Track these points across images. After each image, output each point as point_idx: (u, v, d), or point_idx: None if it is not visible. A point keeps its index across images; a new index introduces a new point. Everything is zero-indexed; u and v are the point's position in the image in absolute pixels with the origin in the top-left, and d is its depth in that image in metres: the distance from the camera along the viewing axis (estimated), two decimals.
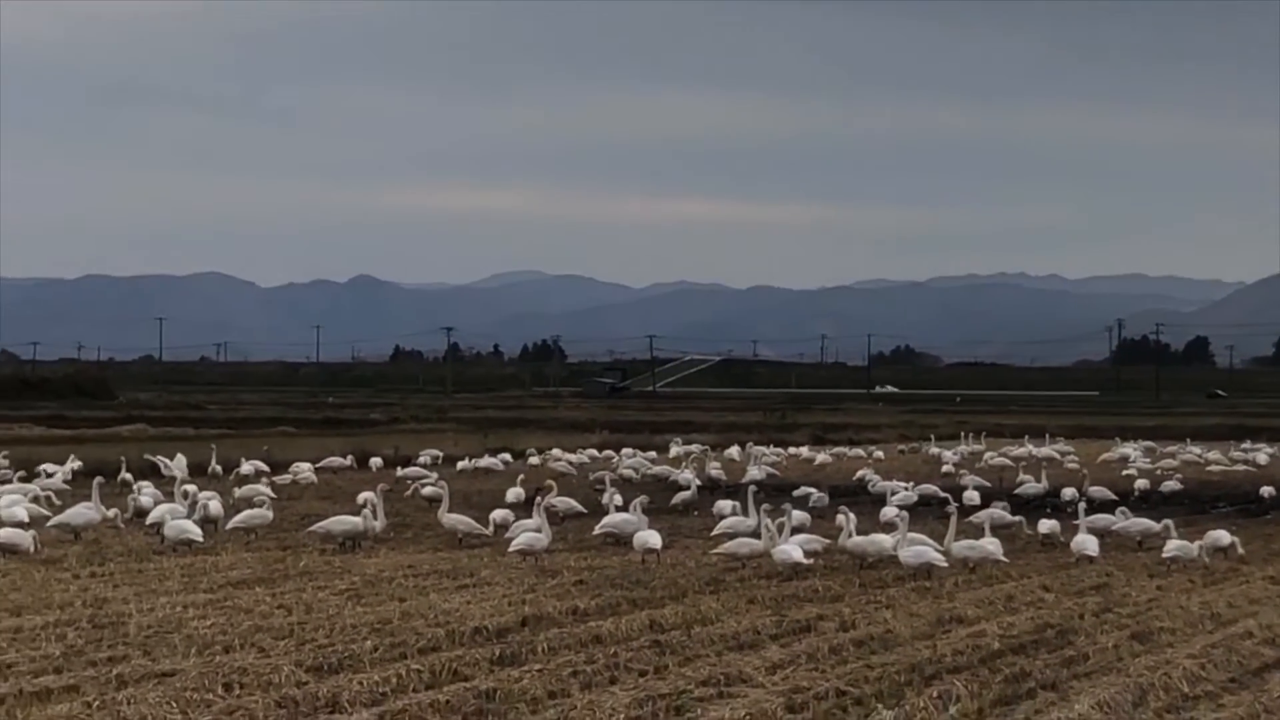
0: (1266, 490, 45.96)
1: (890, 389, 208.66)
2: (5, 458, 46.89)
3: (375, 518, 31.31)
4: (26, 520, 31.16)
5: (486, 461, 52.80)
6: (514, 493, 38.04)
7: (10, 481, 39.91)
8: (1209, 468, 61.01)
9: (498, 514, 33.42)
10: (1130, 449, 67.32)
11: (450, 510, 32.83)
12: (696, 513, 38.50)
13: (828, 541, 29.87)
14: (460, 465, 52.26)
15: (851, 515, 30.08)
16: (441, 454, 57.01)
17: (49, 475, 42.52)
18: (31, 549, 28.36)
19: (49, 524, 31.64)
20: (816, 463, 59.23)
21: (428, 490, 40.35)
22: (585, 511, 36.41)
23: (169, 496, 35.92)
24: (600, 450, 60.30)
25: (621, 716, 16.33)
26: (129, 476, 42.49)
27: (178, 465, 45.62)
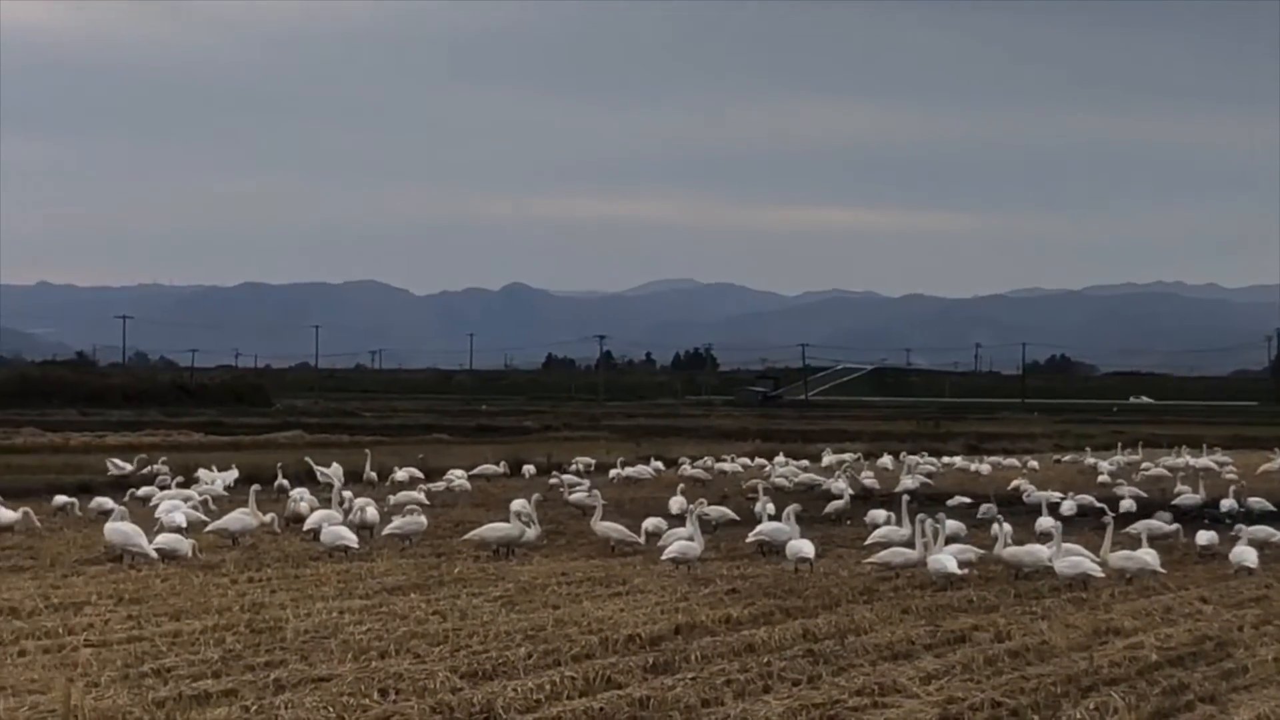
0: None
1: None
2: (164, 464, 47.49)
3: (529, 525, 31.42)
4: (185, 526, 31.56)
5: (636, 470, 52.81)
6: (676, 502, 37.94)
7: (169, 488, 40.39)
8: None
9: (650, 522, 33.42)
10: None
11: (603, 518, 32.90)
12: (849, 522, 38.32)
13: (982, 551, 29.64)
14: (612, 473, 52.31)
15: (1006, 525, 29.83)
16: (594, 461, 57.11)
17: (208, 482, 42.99)
18: (190, 554, 28.70)
19: (207, 529, 32.02)
20: (972, 471, 58.81)
21: (575, 497, 40.45)
22: (738, 520, 36.37)
23: (325, 503, 36.30)
24: (752, 459, 60.18)
25: None
26: (285, 483, 42.91)
27: (334, 472, 46.09)
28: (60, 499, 38.03)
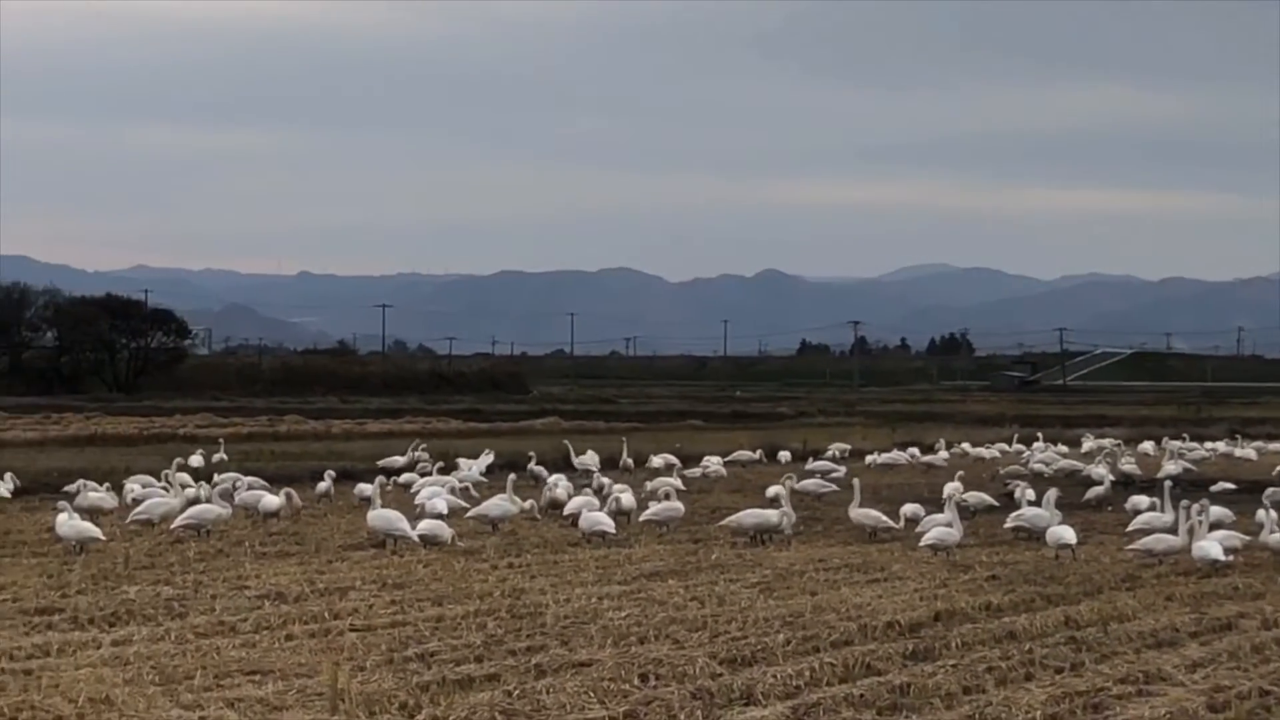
0: None
1: None
2: (424, 450, 48.13)
3: (785, 511, 31.36)
4: (446, 512, 31.94)
5: (892, 456, 52.50)
6: (951, 487, 37.60)
7: (430, 474, 40.94)
8: None
9: (908, 508, 33.22)
10: None
11: (860, 505, 32.75)
12: (1110, 508, 37.76)
13: (1247, 538, 29.05)
14: (868, 459, 52.08)
15: (1273, 512, 29.22)
16: (849, 447, 56.90)
17: (466, 468, 43.50)
18: (451, 541, 29.06)
19: (467, 516, 32.40)
20: (1236, 456, 57.72)
21: (805, 484, 40.05)
22: (996, 505, 36.04)
23: (582, 489, 36.57)
24: (1011, 444, 59.56)
25: (1038, 714, 16.11)
26: (541, 469, 43.27)
27: (590, 459, 46.42)
28: (323, 485, 38.72)
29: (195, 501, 32.66)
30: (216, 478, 38.10)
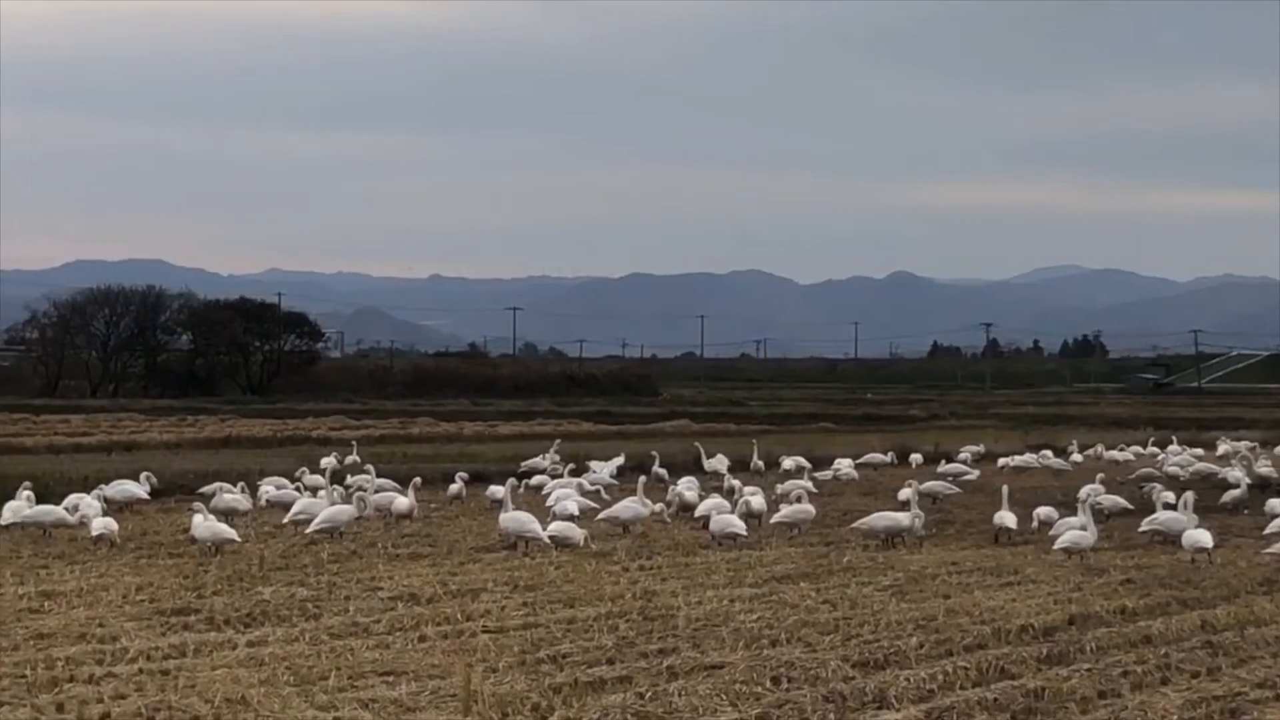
0: None
1: None
2: (556, 453, 48.27)
3: (916, 514, 31.21)
4: (577, 514, 32.02)
5: (1025, 459, 52.09)
6: (1090, 488, 37.17)
7: (561, 476, 41.05)
8: None
9: (1041, 511, 32.96)
10: None
11: (1007, 508, 32.43)
12: (1247, 511, 37.31)
13: None
14: (1001, 461, 51.72)
15: None
16: (982, 449, 56.55)
17: (597, 470, 43.60)
18: (582, 542, 29.12)
19: (598, 518, 32.47)
20: None
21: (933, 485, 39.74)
22: (1131, 508, 35.69)
23: (712, 491, 36.56)
24: (1145, 447, 58.99)
25: (1174, 718, 15.96)
26: (662, 471, 43.28)
27: (720, 462, 46.38)
28: (455, 487, 38.93)
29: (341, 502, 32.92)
30: (349, 480, 38.43)
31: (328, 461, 44.02)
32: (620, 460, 45.71)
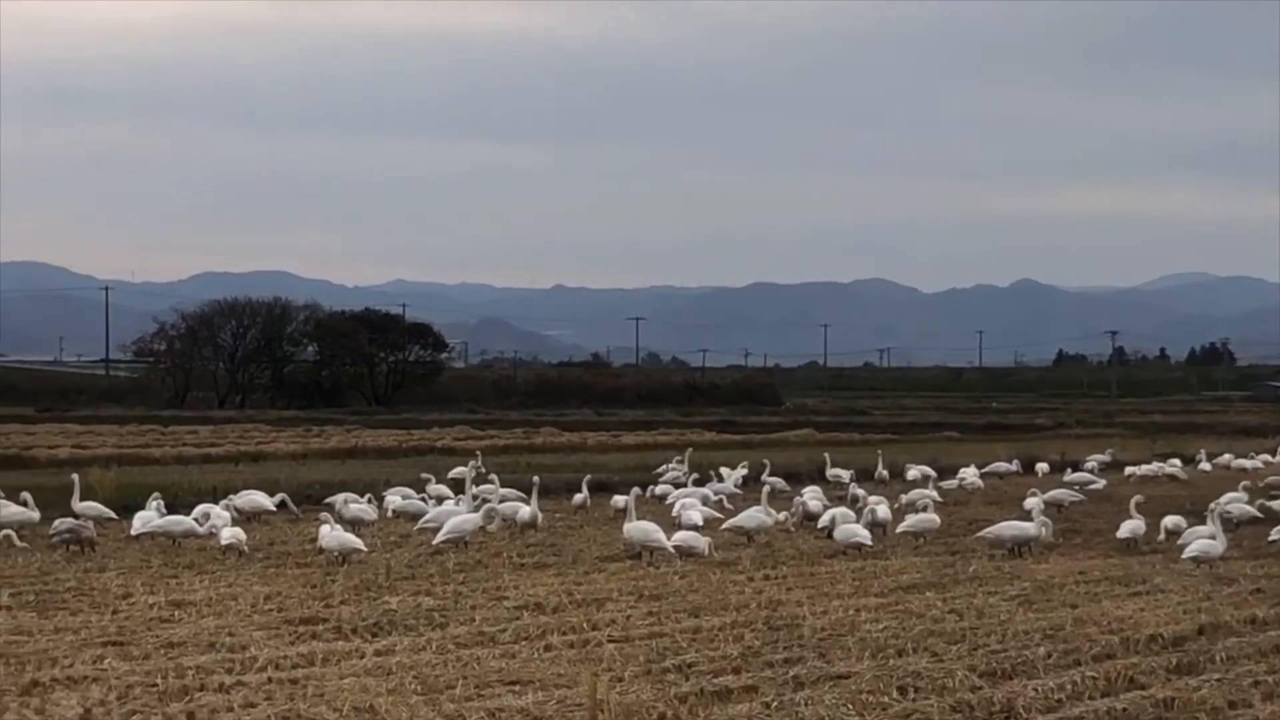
0: None
1: None
2: (679, 462, 48.30)
3: (1043, 523, 31.00)
4: (702, 523, 32.02)
5: (1152, 467, 51.64)
6: (1231, 496, 36.69)
7: (686, 485, 41.07)
8: None
9: (1169, 520, 32.64)
10: None
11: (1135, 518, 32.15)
12: None
13: None
14: (1128, 470, 51.29)
15: None
16: (1109, 459, 56.09)
17: (722, 480, 43.59)
18: (707, 552, 29.09)
19: (723, 527, 32.45)
20: None
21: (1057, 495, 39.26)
22: (1261, 517, 35.28)
23: (836, 501, 36.47)
24: (1275, 455, 58.33)
25: None
26: (777, 480, 43.17)
27: (844, 471, 46.26)
28: (579, 497, 39.03)
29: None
30: (474, 490, 38.57)
31: (460, 471, 44.19)
32: (744, 470, 45.66)
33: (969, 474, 46.72)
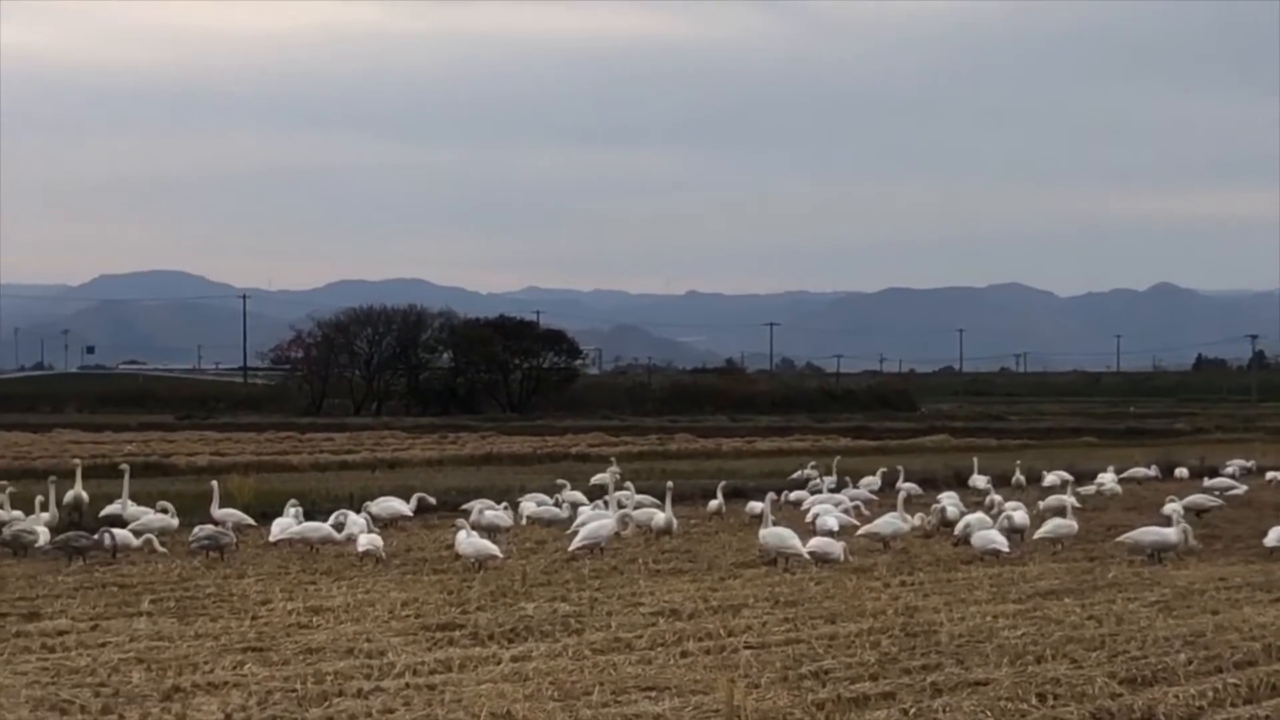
0: None
1: None
2: (814, 468, 48.19)
3: (1184, 528, 30.66)
4: (837, 529, 31.92)
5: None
6: None
7: (821, 491, 40.97)
8: None
9: None
10: None
11: None
12: None
13: None
14: (1269, 475, 50.62)
15: None
16: (1252, 464, 55.39)
17: (857, 485, 43.44)
18: (842, 558, 29.00)
19: (858, 533, 32.34)
20: None
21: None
22: None
23: (973, 507, 36.22)
24: None
25: None
26: (911, 486, 42.89)
27: (980, 477, 45.95)
28: (714, 503, 38.99)
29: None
30: (608, 496, 38.62)
31: (600, 478, 44.27)
32: (878, 478, 45.46)
33: (1107, 479, 46.28)
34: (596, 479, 43.89)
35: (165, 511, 33.11)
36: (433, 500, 37.96)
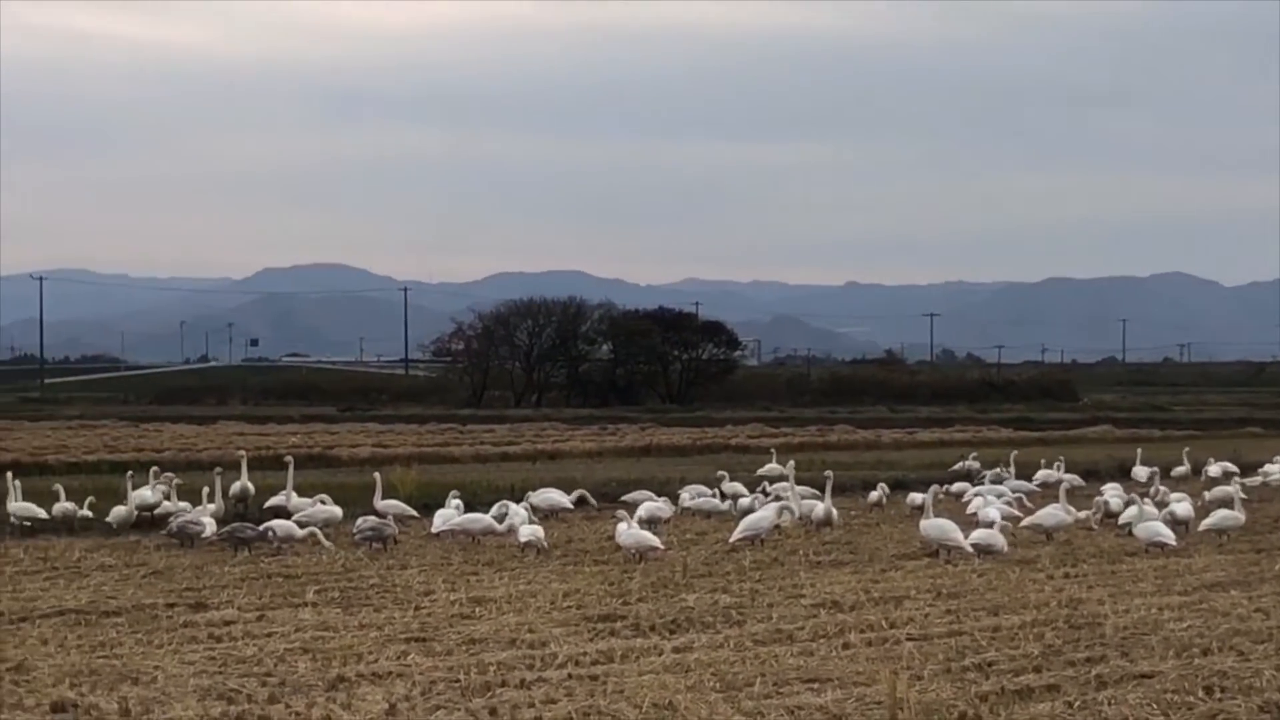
0: None
1: None
2: (975, 459, 47.92)
3: None
4: (1000, 521, 31.68)
5: None
6: None
7: (984, 483, 40.73)
8: None
9: None
10: None
11: None
12: None
13: None
14: None
15: None
16: None
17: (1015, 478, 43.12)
18: (1005, 549, 28.78)
19: (1021, 525, 32.09)
20: None
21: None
22: None
23: (1137, 499, 35.84)
24: None
25: None
26: (1073, 478, 42.48)
27: (1141, 469, 45.42)
28: (874, 494, 38.85)
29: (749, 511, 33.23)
30: (768, 488, 38.61)
31: (772, 468, 44.31)
32: (1055, 470, 45.04)
33: (1274, 470, 45.63)
34: (766, 469, 44.01)
35: (324, 503, 33.43)
36: (594, 501, 37.98)
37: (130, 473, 36.16)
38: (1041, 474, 43.91)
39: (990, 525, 30.61)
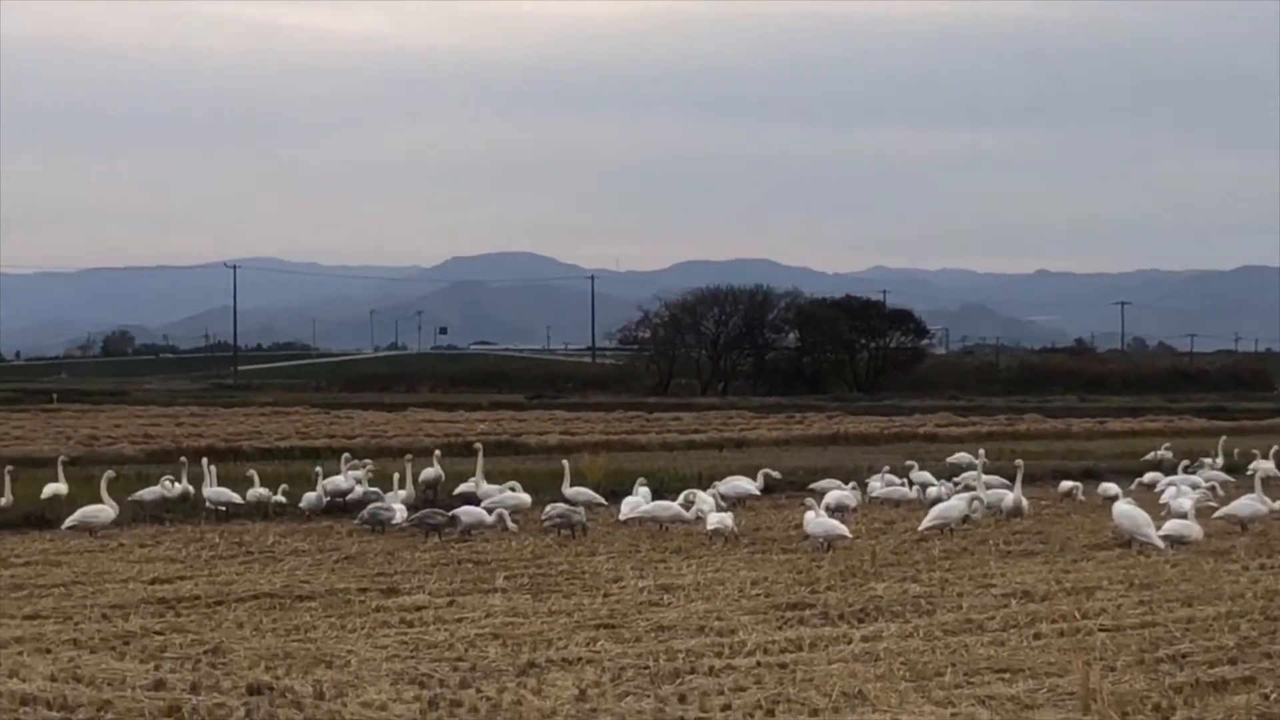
0: None
1: None
2: (1168, 449, 47.31)
3: None
4: (1193, 511, 31.21)
5: None
6: None
7: (1175, 473, 40.19)
8: None
9: None
10: None
11: None
12: None
13: None
14: None
15: None
16: None
17: (1213, 467, 42.51)
18: (1200, 539, 28.38)
19: (1214, 515, 31.60)
20: None
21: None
22: None
23: None
24: None
25: None
26: (1268, 466, 41.69)
27: None
28: (1066, 484, 38.47)
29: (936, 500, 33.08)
30: (957, 477, 38.39)
31: (960, 457, 44.12)
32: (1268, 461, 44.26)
33: None
34: (956, 458, 43.85)
35: (513, 490, 33.60)
36: (777, 474, 38.22)
37: (318, 468, 36.43)
38: (1260, 465, 43.09)
39: (1183, 516, 30.21)
